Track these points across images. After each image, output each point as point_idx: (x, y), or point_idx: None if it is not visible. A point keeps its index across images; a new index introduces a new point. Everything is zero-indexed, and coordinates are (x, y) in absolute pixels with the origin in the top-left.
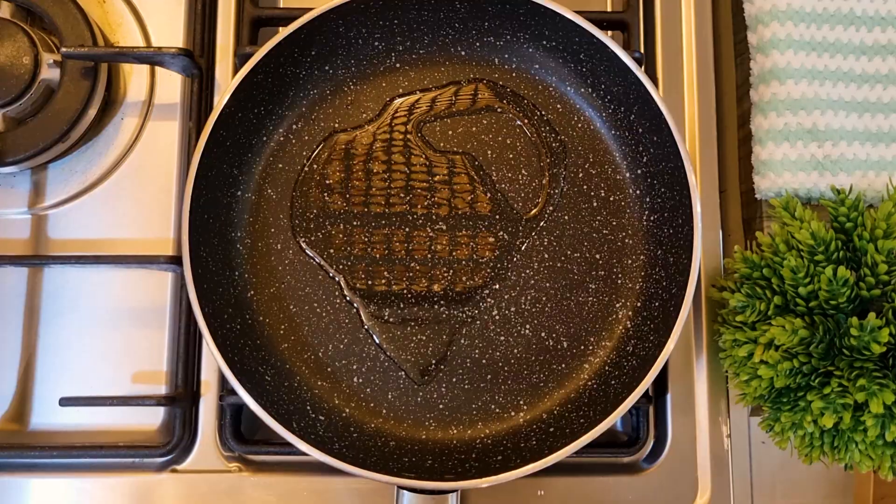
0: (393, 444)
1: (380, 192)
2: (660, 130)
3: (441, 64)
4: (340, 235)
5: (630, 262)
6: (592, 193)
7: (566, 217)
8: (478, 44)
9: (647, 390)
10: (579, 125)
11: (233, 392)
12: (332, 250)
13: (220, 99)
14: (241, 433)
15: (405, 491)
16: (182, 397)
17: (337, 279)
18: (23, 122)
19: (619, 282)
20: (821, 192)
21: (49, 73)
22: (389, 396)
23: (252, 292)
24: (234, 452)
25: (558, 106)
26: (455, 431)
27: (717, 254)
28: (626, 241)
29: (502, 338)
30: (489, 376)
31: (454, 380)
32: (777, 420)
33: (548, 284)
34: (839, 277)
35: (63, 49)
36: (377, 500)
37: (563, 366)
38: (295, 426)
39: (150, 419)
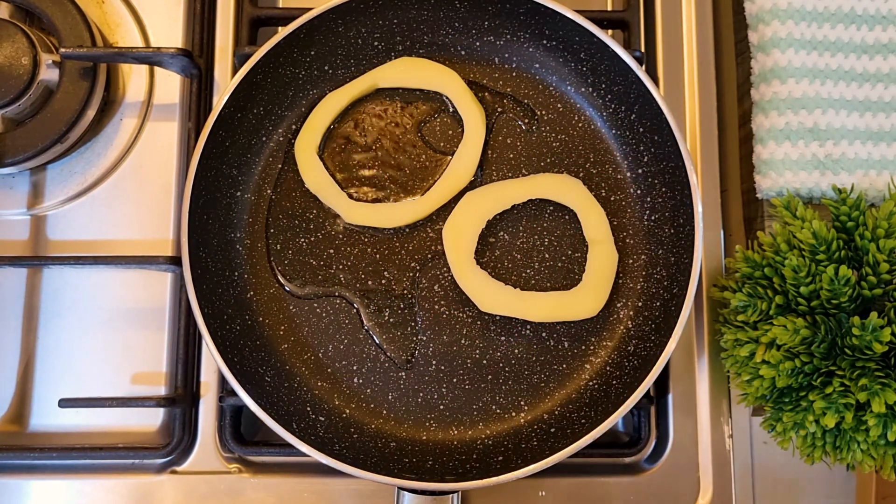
0: (393, 444)
1: (380, 191)
2: (660, 130)
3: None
4: (340, 235)
5: (631, 261)
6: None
7: (567, 216)
8: (478, 43)
9: (649, 390)
10: (580, 125)
11: (233, 393)
12: (331, 250)
13: (220, 99)
14: (240, 434)
15: (406, 492)
16: (182, 398)
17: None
18: (22, 123)
19: (620, 281)
20: (822, 192)
21: (48, 74)
22: (390, 397)
23: (252, 293)
24: (234, 454)
25: (558, 106)
26: (456, 432)
27: (719, 253)
28: (627, 240)
29: (503, 338)
30: (490, 377)
31: (455, 380)
32: (779, 420)
33: (548, 284)
34: (841, 277)
35: (62, 49)
36: (378, 501)
37: (564, 366)
38: (295, 427)
39: (150, 420)
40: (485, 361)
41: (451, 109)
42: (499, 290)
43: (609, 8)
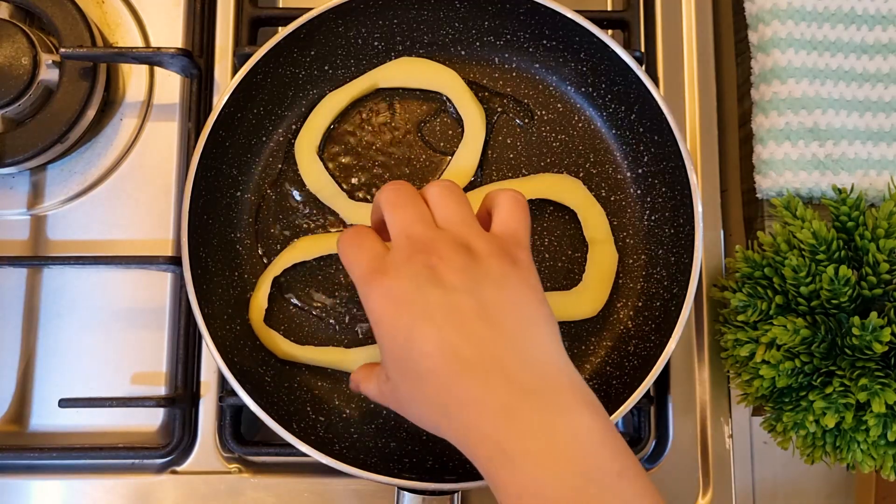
0: (393, 444)
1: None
2: (660, 130)
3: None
4: None
5: (631, 261)
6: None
7: (567, 216)
8: (478, 44)
9: (649, 390)
10: (580, 125)
11: (232, 393)
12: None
13: (220, 99)
14: (240, 434)
15: (406, 492)
16: (182, 398)
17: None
18: (21, 123)
19: (620, 281)
20: (822, 192)
21: (48, 74)
22: None
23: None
24: (234, 454)
25: (558, 106)
26: None
27: (719, 253)
28: (627, 240)
29: None
30: None
31: None
32: (779, 420)
33: (548, 284)
34: (841, 277)
35: (62, 49)
36: (378, 501)
37: None
38: (295, 427)
39: (150, 420)
40: None
41: (451, 109)
42: None
43: (609, 8)
